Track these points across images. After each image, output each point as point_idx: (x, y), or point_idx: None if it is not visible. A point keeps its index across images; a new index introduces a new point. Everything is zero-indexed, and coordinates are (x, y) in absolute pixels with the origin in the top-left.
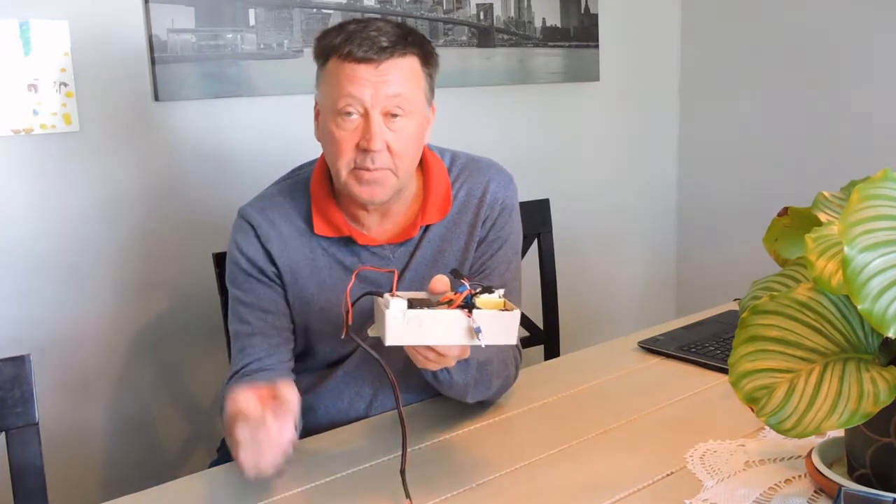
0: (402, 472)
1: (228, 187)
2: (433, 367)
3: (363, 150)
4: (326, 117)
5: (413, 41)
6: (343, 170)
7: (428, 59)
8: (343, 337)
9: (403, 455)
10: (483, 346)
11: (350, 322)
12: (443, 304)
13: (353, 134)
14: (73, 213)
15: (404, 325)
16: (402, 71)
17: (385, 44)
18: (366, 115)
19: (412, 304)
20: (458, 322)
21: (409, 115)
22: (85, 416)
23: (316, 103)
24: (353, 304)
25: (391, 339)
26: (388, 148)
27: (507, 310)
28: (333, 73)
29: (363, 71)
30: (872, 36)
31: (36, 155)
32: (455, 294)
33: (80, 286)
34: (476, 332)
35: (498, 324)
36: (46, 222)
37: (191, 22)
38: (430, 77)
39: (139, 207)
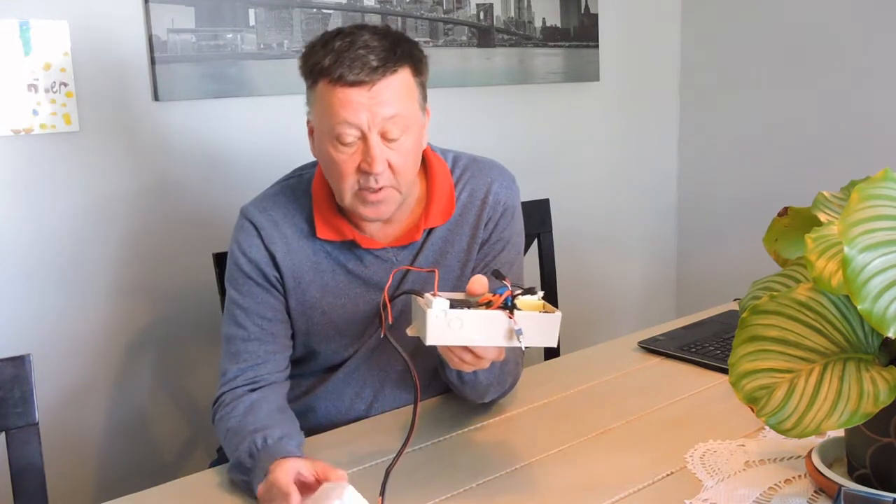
0: (388, 471)
1: (228, 187)
2: (468, 368)
3: (365, 172)
4: (323, 139)
5: (403, 53)
6: (347, 192)
7: (419, 68)
8: (382, 336)
9: (399, 454)
10: (523, 348)
11: (391, 321)
12: (481, 305)
13: (353, 157)
14: (73, 213)
15: (445, 324)
16: (396, 89)
17: (375, 63)
18: (364, 139)
19: (452, 304)
20: (499, 323)
21: (407, 131)
22: (85, 416)
23: (308, 120)
24: (391, 301)
25: (431, 339)
26: (390, 166)
27: (547, 311)
28: (325, 98)
29: (356, 95)
30: (872, 36)
31: (36, 155)
32: (494, 296)
33: (79, 286)
34: (517, 333)
35: (539, 326)
36: (46, 222)
37: (191, 22)
38: (423, 85)
39: (139, 207)
